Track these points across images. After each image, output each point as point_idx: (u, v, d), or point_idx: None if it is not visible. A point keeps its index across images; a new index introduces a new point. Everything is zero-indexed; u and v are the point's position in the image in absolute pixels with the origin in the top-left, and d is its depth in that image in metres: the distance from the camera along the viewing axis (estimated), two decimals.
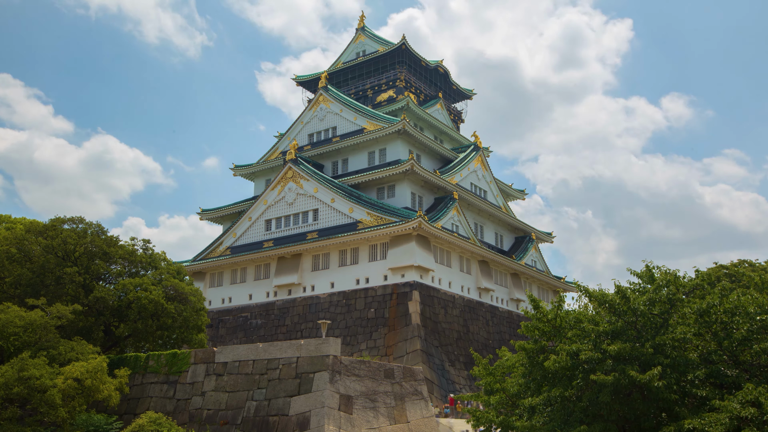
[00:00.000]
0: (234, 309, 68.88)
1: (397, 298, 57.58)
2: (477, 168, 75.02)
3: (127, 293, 40.01)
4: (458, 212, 65.50)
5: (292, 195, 67.63)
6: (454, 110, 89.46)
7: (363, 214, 61.75)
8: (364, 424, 30.87)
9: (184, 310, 40.89)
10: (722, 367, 20.30)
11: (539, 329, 22.85)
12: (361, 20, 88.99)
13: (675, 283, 21.53)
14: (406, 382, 34.57)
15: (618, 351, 19.90)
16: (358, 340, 57.83)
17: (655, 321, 21.14)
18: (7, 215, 53.60)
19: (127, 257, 42.42)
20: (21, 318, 32.81)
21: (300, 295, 64.32)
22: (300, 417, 30.19)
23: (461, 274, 64.89)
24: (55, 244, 40.03)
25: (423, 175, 64.02)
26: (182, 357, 36.46)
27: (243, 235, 70.66)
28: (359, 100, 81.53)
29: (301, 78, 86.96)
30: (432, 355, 54.98)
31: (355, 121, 72.44)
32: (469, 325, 63.41)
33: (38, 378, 29.19)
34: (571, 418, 20.84)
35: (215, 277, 71.74)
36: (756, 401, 17.57)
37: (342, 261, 62.65)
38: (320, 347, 31.67)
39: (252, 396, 32.54)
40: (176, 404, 35.23)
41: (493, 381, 26.05)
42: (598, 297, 22.03)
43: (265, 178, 78.09)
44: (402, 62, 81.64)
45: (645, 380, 18.78)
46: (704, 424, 17.45)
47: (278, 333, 63.42)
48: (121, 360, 38.45)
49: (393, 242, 59.17)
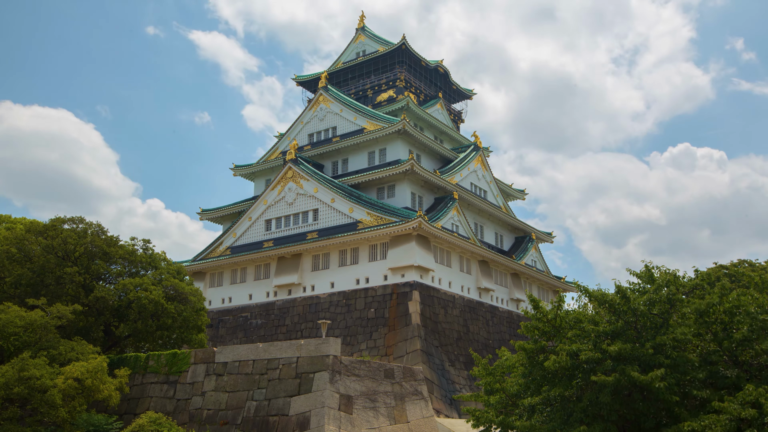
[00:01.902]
0: (234, 309, 68.89)
1: (397, 298, 57.59)
2: (477, 168, 75.04)
3: (127, 293, 40.03)
4: (458, 212, 65.51)
5: (292, 195, 67.65)
6: (454, 110, 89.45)
7: (363, 214, 61.76)
8: (364, 424, 30.88)
9: (184, 310, 40.91)
10: (722, 368, 20.32)
11: (539, 329, 22.87)
12: (361, 20, 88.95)
13: (675, 283, 21.57)
14: (406, 382, 34.59)
15: (618, 351, 19.92)
16: (358, 340, 57.84)
17: (655, 321, 21.16)
18: (7, 215, 53.66)
19: (127, 257, 42.45)
20: (21, 318, 32.82)
21: (300, 295, 64.33)
22: (300, 417, 30.20)
23: (461, 274, 64.90)
24: (55, 244, 40.04)
25: (423, 175, 64.03)
26: (182, 357, 36.48)
27: (243, 235, 70.69)
28: (359, 100, 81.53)
29: (301, 78, 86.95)
30: (432, 355, 54.99)
31: (355, 121, 72.46)
32: (469, 325, 63.42)
33: (38, 378, 29.20)
34: (571, 418, 20.85)
35: (215, 277, 71.76)
36: (756, 402, 17.57)
37: (342, 261, 62.66)
38: (320, 347, 31.69)
39: (252, 396, 32.55)
40: (176, 404, 35.25)
41: (492, 381, 26.09)
42: (598, 297, 22.07)
43: (265, 178, 78.11)
44: (402, 62, 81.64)
45: (646, 381, 18.79)
46: (704, 426, 17.44)
47: (278, 333, 63.44)
48: (121, 360, 38.47)
49: (393, 242, 59.18)
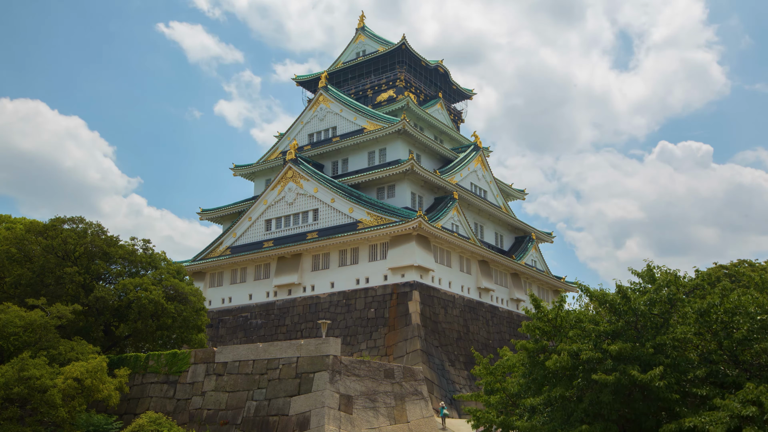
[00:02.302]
0: (234, 309, 68.86)
1: (397, 298, 57.57)
2: (477, 168, 75.03)
3: (127, 293, 40.00)
4: (458, 212, 65.50)
5: (292, 195, 67.63)
6: (454, 110, 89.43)
7: (363, 214, 61.74)
8: (364, 423, 30.86)
9: (184, 310, 40.88)
10: (722, 367, 20.30)
11: (540, 329, 22.84)
12: (361, 20, 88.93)
13: (675, 283, 21.55)
14: (406, 382, 34.57)
15: (618, 351, 19.91)
16: (358, 340, 57.82)
17: (656, 321, 21.15)
18: (7, 215, 53.59)
19: (127, 257, 42.44)
20: (21, 318, 32.81)
21: (300, 295, 64.30)
22: (300, 417, 30.18)
23: (461, 274, 64.87)
24: (55, 244, 40.01)
25: (423, 175, 64.01)
26: (182, 357, 36.46)
27: (243, 235, 70.66)
28: (359, 99, 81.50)
29: (301, 78, 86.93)
30: (432, 355, 54.97)
31: (355, 121, 72.44)
32: (469, 325, 63.40)
33: (38, 378, 29.19)
34: (571, 417, 20.84)
35: (215, 277, 71.73)
36: (757, 400, 17.56)
37: (342, 261, 62.63)
38: (320, 347, 31.67)
39: (252, 396, 32.53)
40: (176, 404, 35.22)
41: (493, 381, 26.08)
42: (598, 297, 22.05)
43: (265, 178, 78.09)
44: (402, 62, 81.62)
45: (646, 380, 18.78)
46: (705, 423, 17.44)
47: (278, 333, 63.41)
48: (121, 360, 38.44)
49: (393, 242, 59.16)
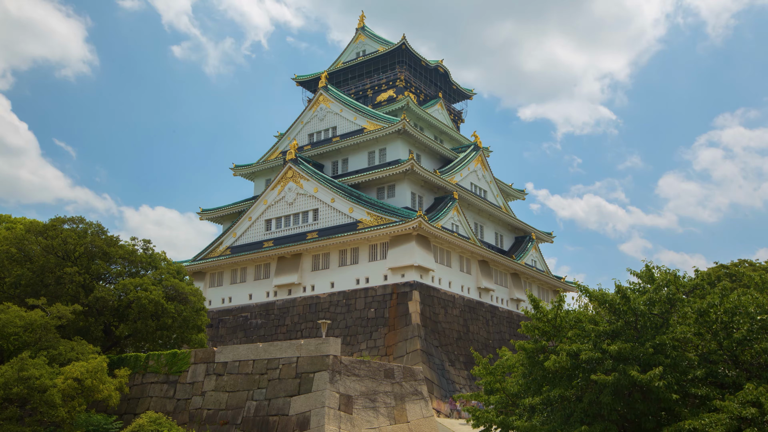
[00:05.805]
0: (234, 309, 68.87)
1: (397, 298, 57.58)
2: (477, 168, 75.03)
3: (127, 293, 39.97)
4: (458, 212, 65.50)
5: (292, 195, 67.64)
6: (454, 110, 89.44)
7: (363, 214, 61.74)
8: (364, 424, 30.86)
9: (184, 310, 40.87)
10: (722, 367, 20.30)
11: (539, 329, 22.83)
12: (361, 20, 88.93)
13: (675, 283, 21.54)
14: (406, 382, 34.57)
15: (618, 351, 19.91)
16: (358, 340, 57.83)
17: (655, 321, 21.14)
18: (7, 215, 53.62)
19: (127, 257, 42.40)
20: (21, 318, 32.78)
21: (300, 295, 64.31)
22: (300, 417, 30.19)
23: (461, 274, 64.88)
24: (55, 244, 40.00)
25: (423, 175, 64.01)
26: (182, 357, 36.45)
27: (243, 235, 70.67)
28: (359, 99, 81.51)
29: (301, 78, 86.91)
30: (432, 355, 54.98)
31: (355, 121, 72.44)
32: (469, 325, 63.40)
33: (38, 378, 29.17)
34: (571, 418, 20.84)
35: (215, 277, 71.74)
36: (756, 401, 17.55)
37: (342, 261, 62.64)
38: (320, 347, 31.67)
39: (252, 396, 32.53)
40: (176, 404, 35.22)
41: (493, 381, 26.05)
42: (598, 297, 22.04)
43: (265, 178, 78.10)
44: (402, 62, 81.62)
45: (646, 380, 18.77)
46: (705, 425, 17.43)
47: (278, 333, 63.42)
48: (121, 360, 38.44)
49: (393, 242, 59.16)
